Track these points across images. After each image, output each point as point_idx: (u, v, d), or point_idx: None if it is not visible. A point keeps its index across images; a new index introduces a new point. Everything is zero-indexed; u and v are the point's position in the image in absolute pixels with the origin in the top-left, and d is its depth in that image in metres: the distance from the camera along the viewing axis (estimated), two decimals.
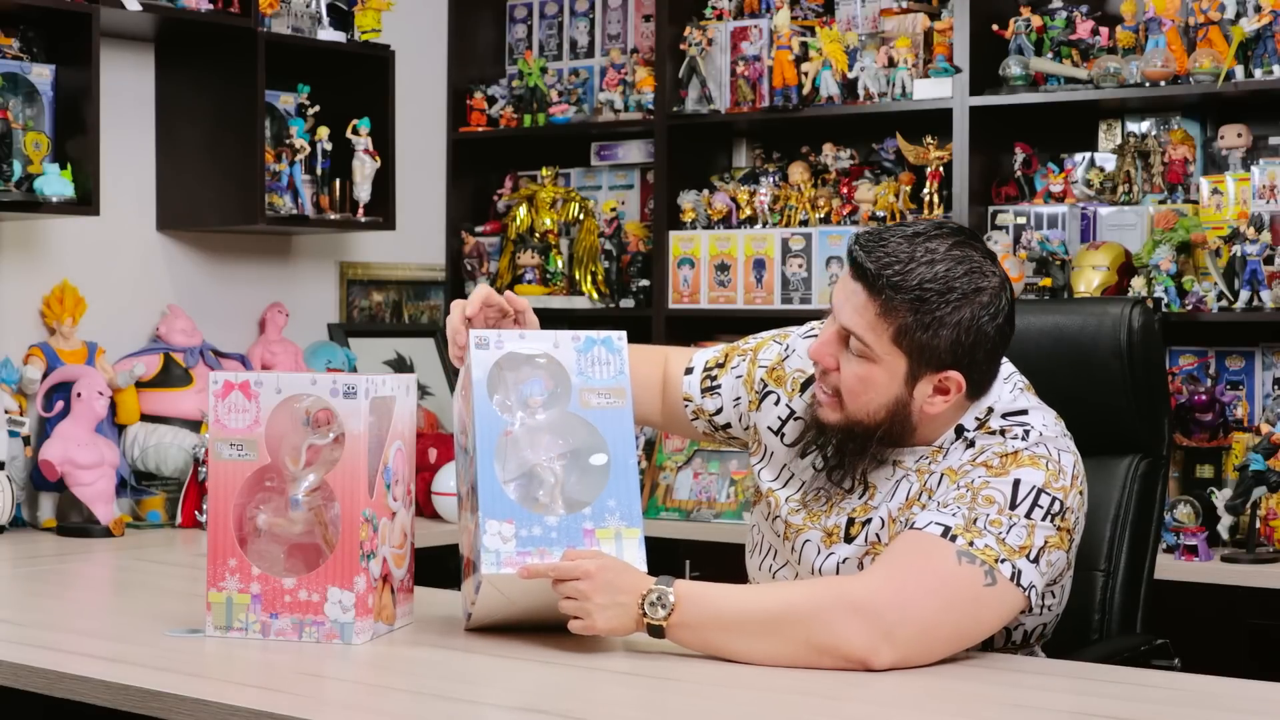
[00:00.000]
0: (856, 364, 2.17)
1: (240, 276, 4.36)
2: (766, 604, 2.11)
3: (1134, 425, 2.61)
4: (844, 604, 2.04)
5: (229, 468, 2.23)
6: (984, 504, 2.10)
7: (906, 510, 2.19)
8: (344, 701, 2.02)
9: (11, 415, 3.67)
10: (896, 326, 2.13)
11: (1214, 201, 3.84)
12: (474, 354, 2.22)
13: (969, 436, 2.20)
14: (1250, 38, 3.77)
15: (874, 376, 2.16)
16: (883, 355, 2.14)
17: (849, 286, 2.16)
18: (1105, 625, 2.54)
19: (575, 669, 2.09)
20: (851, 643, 2.03)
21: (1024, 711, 1.93)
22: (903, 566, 2.07)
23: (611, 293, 4.67)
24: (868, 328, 2.14)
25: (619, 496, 2.19)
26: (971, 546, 2.06)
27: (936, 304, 2.12)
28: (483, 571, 2.13)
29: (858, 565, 2.23)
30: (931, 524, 2.09)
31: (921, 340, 2.13)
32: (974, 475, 2.14)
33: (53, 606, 2.81)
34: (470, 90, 4.90)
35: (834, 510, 2.27)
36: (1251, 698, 2.02)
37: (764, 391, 2.40)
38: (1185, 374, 3.89)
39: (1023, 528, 2.09)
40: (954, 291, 2.13)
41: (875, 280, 2.12)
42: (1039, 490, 2.11)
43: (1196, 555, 3.59)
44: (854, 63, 4.27)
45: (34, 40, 3.77)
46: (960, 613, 2.07)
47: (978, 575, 2.06)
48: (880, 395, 2.17)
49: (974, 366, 2.16)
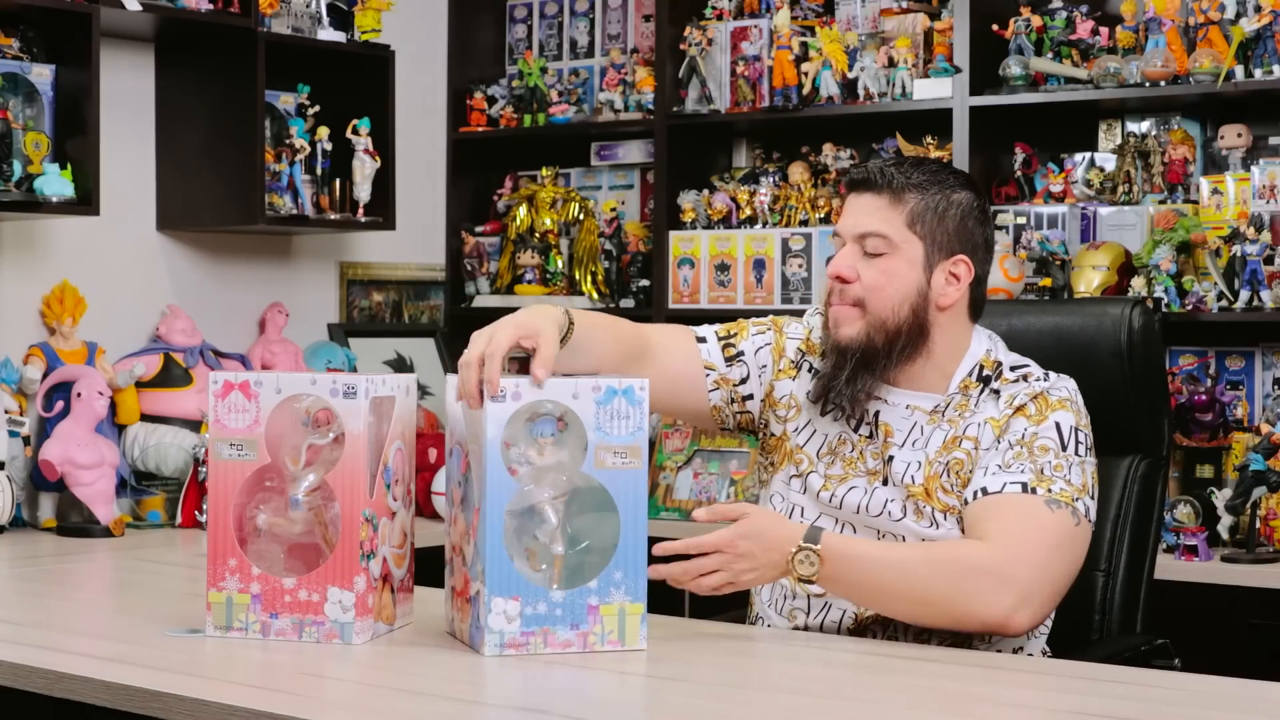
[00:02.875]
0: (877, 263, 2.32)
1: (240, 276, 4.36)
2: (910, 569, 2.20)
3: (1134, 425, 2.61)
4: (979, 571, 2.17)
5: (229, 468, 2.23)
6: (1041, 453, 2.25)
7: (945, 454, 2.30)
8: (344, 701, 2.02)
9: (11, 415, 3.67)
10: (910, 210, 2.32)
11: (1214, 201, 3.84)
12: (488, 406, 2.14)
13: (994, 386, 2.34)
14: (1250, 38, 3.77)
15: (895, 267, 2.32)
16: (900, 242, 2.32)
17: (855, 202, 2.35)
18: (1105, 625, 2.55)
19: (575, 669, 2.09)
20: (992, 609, 2.16)
21: (1024, 711, 1.93)
22: (1007, 530, 2.20)
23: (611, 293, 4.67)
24: (883, 220, 2.32)
25: (626, 568, 2.13)
26: (1051, 493, 2.22)
27: (938, 189, 2.33)
28: (485, 653, 2.12)
29: (901, 506, 2.32)
30: (1007, 485, 2.24)
31: (933, 223, 2.32)
32: (1020, 429, 2.28)
33: (53, 606, 2.81)
34: (470, 90, 4.90)
35: (865, 456, 2.37)
36: (1251, 697, 2.02)
37: (800, 362, 2.47)
38: (1185, 374, 3.89)
39: (1078, 467, 2.26)
40: (949, 179, 2.36)
41: (880, 179, 2.33)
42: (1075, 429, 2.29)
43: (1196, 555, 3.59)
44: (854, 63, 4.27)
45: (34, 40, 3.77)
46: (1068, 555, 2.23)
47: (1067, 517, 2.23)
48: (902, 285, 2.32)
49: (976, 250, 2.36)
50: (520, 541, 2.16)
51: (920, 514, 2.31)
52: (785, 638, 2.34)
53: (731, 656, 2.22)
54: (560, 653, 2.12)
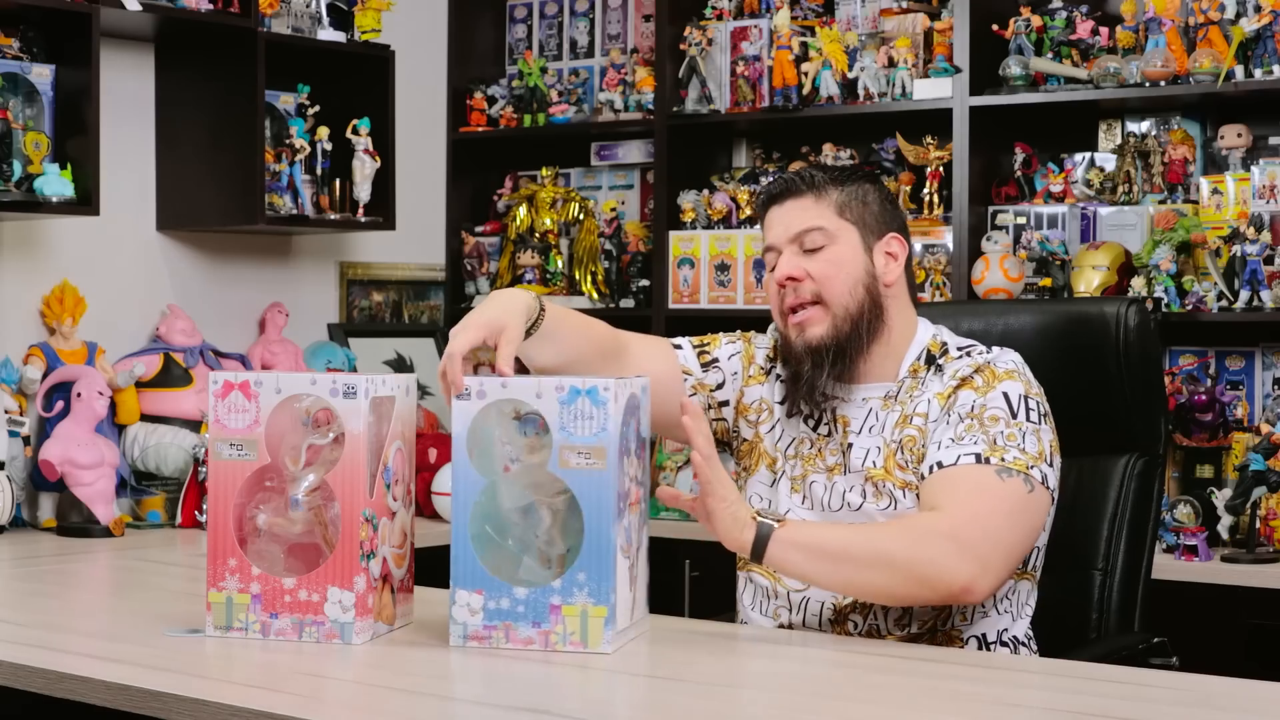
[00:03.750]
0: (820, 256, 2.39)
1: (240, 276, 4.36)
2: (870, 537, 2.23)
3: (1131, 424, 2.62)
4: (938, 536, 2.18)
5: (229, 468, 2.24)
6: (991, 423, 2.28)
7: (896, 430, 2.36)
8: (344, 701, 2.02)
9: (11, 415, 3.67)
10: (835, 202, 2.41)
11: (1214, 201, 3.84)
12: (454, 405, 2.18)
13: (939, 363, 2.38)
14: (1250, 38, 3.77)
15: (838, 254, 2.39)
16: (837, 230, 2.40)
17: (778, 212, 2.43)
18: (1103, 624, 2.55)
19: (575, 669, 2.09)
20: (954, 574, 2.16)
21: (1023, 711, 1.94)
22: (962, 500, 2.22)
23: (611, 293, 4.67)
24: (814, 216, 2.40)
25: (590, 569, 2.12)
26: (1004, 462, 2.24)
27: (851, 181, 2.43)
28: (450, 643, 2.17)
29: (861, 491, 2.36)
30: (960, 457, 2.26)
31: (858, 209, 2.41)
32: (968, 400, 2.31)
33: (53, 606, 2.81)
34: (470, 90, 4.90)
35: (823, 453, 2.42)
36: (1250, 697, 2.02)
37: (769, 367, 2.53)
38: (1185, 374, 3.89)
39: (1032, 434, 2.28)
40: (856, 171, 2.47)
41: (799, 183, 2.42)
42: (1024, 396, 2.31)
43: (1196, 555, 3.59)
44: (854, 63, 4.27)
45: (34, 40, 3.77)
46: (1022, 523, 2.25)
47: (1019, 485, 2.24)
48: (851, 269, 2.39)
49: (902, 230, 2.45)
50: (521, 539, 2.17)
51: (880, 493, 2.36)
52: (783, 638, 2.34)
53: (733, 656, 2.22)
54: (521, 649, 2.13)
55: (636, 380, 2.24)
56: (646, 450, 2.28)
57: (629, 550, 2.19)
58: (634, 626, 2.23)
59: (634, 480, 2.22)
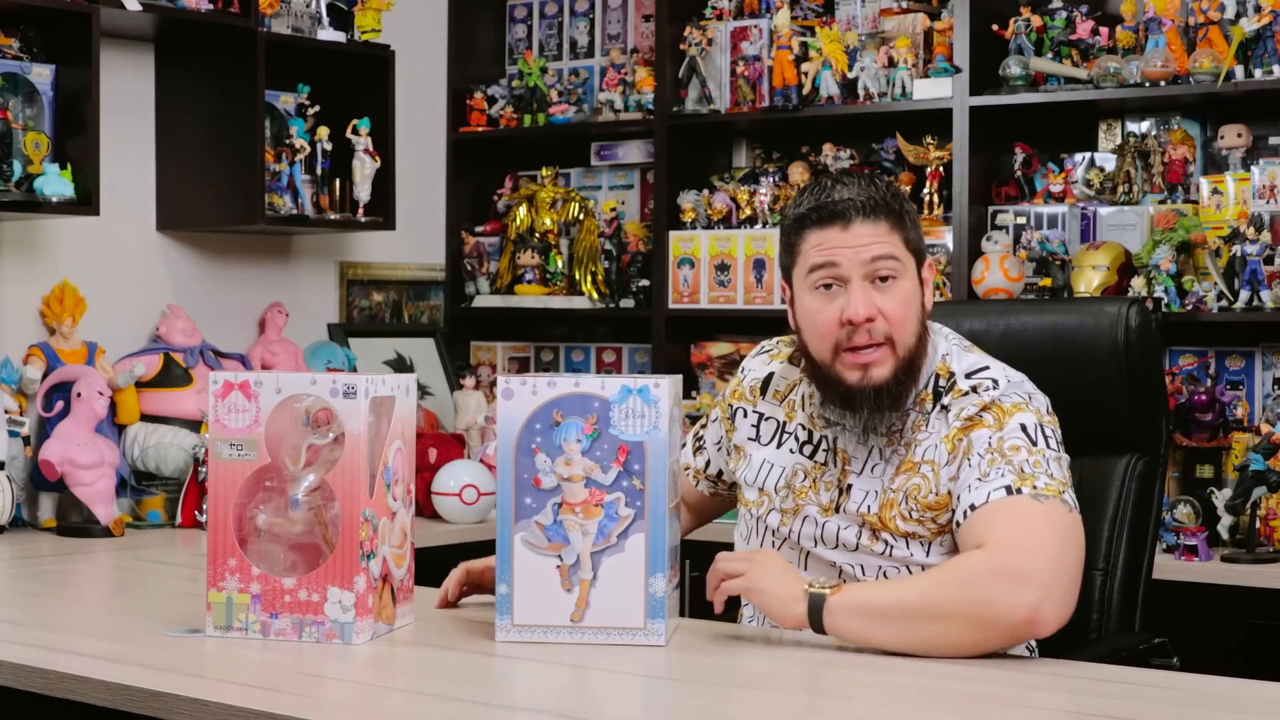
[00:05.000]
0: (894, 290, 2.25)
1: (240, 276, 4.36)
2: (921, 591, 2.12)
3: (1131, 425, 2.61)
4: (989, 575, 2.07)
5: (229, 468, 2.24)
6: (1013, 453, 2.18)
7: (898, 478, 2.27)
8: (344, 701, 2.02)
9: (11, 415, 3.67)
10: (903, 235, 2.26)
11: (1214, 201, 3.84)
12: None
13: (944, 402, 2.28)
14: (1250, 38, 3.77)
15: (906, 291, 2.26)
16: (905, 261, 2.26)
17: (840, 234, 2.24)
18: (1104, 624, 2.55)
19: (575, 669, 2.09)
20: (1015, 608, 2.05)
21: (1024, 711, 1.93)
22: (1003, 532, 2.12)
23: (611, 293, 4.67)
24: (888, 244, 2.24)
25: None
26: (1036, 489, 2.15)
27: (903, 202, 2.29)
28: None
29: (855, 534, 2.30)
30: (991, 494, 2.16)
31: (914, 236, 2.29)
32: (983, 438, 2.21)
33: (53, 606, 2.81)
34: (470, 90, 4.90)
35: (819, 485, 2.34)
36: (1251, 697, 2.02)
37: (732, 412, 2.49)
38: (1185, 374, 3.89)
39: (1055, 461, 2.20)
40: (898, 190, 2.32)
41: (872, 205, 2.24)
42: (1039, 425, 2.22)
43: (1196, 555, 3.59)
44: (854, 63, 4.27)
45: (34, 40, 3.77)
46: (1072, 542, 2.15)
47: (1059, 506, 2.15)
48: (914, 306, 2.27)
49: (928, 250, 2.40)
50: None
51: (876, 539, 2.29)
52: (784, 638, 2.34)
53: (733, 656, 2.22)
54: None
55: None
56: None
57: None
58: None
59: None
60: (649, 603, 2.18)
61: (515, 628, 2.19)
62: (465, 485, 3.88)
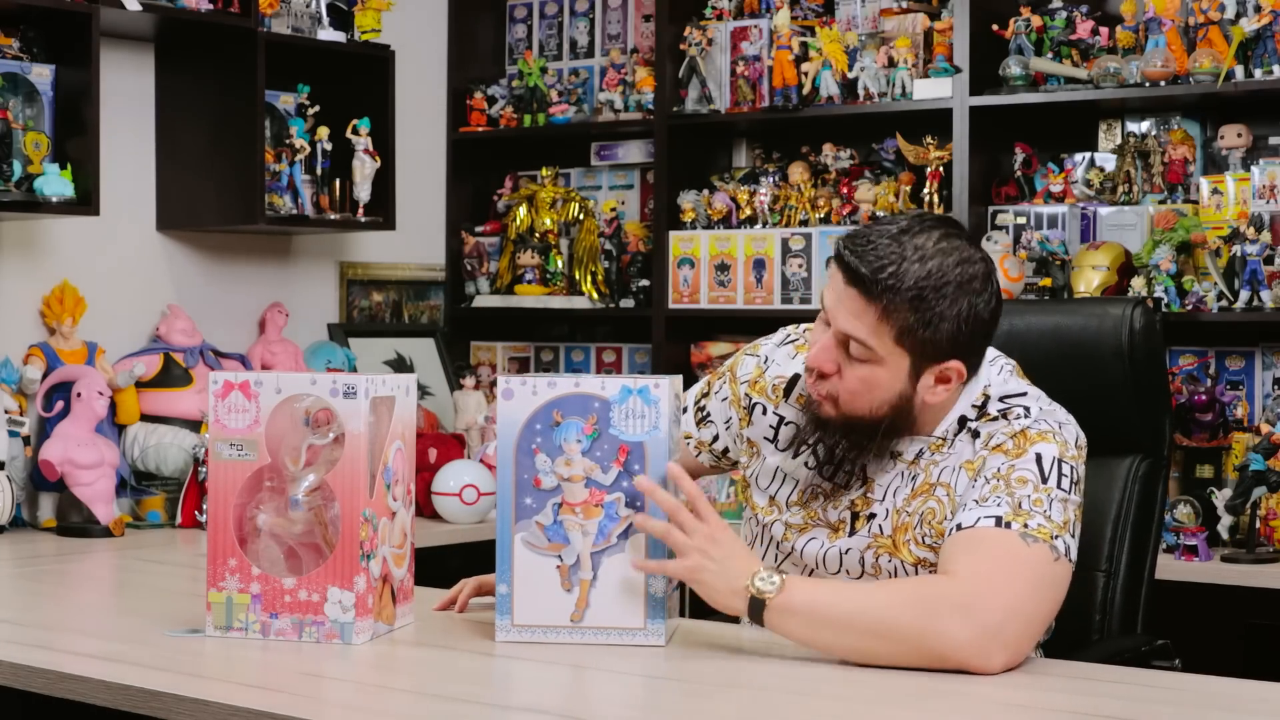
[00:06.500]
0: (859, 367, 2.16)
1: (240, 276, 4.36)
2: (874, 605, 2.07)
3: (1135, 426, 2.61)
4: (947, 605, 2.03)
5: (229, 468, 2.23)
6: (1019, 485, 2.12)
7: (914, 501, 2.21)
8: (344, 701, 2.02)
9: (11, 415, 3.67)
10: (899, 328, 2.12)
11: (1214, 201, 3.84)
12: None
13: (972, 427, 2.22)
14: (1250, 38, 3.77)
15: (877, 377, 2.16)
16: (886, 356, 2.14)
17: (843, 291, 2.15)
18: (1106, 626, 2.54)
19: (575, 669, 2.09)
20: (962, 646, 2.02)
21: (1024, 711, 1.93)
22: (979, 565, 2.06)
23: (611, 293, 4.67)
24: (870, 332, 2.13)
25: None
26: (1027, 528, 2.08)
27: (934, 300, 2.12)
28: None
29: (859, 559, 2.25)
30: (981, 519, 2.10)
31: (924, 337, 2.13)
32: (996, 464, 2.15)
33: (53, 606, 2.81)
34: (470, 90, 4.90)
35: (834, 505, 2.28)
36: (1251, 698, 2.02)
37: (750, 405, 2.42)
38: (1185, 374, 3.89)
39: (1060, 502, 2.12)
40: (949, 285, 2.13)
41: (872, 285, 2.11)
42: (1058, 460, 2.14)
43: (1196, 555, 3.59)
44: (854, 63, 4.27)
45: (34, 40, 3.77)
46: (1045, 593, 2.09)
47: (1045, 552, 2.08)
48: (884, 393, 2.17)
49: (973, 352, 2.20)
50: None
51: (879, 569, 2.24)
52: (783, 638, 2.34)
53: (732, 656, 2.22)
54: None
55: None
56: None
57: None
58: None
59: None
60: (649, 603, 2.18)
61: (515, 628, 2.19)
62: (465, 485, 3.88)
